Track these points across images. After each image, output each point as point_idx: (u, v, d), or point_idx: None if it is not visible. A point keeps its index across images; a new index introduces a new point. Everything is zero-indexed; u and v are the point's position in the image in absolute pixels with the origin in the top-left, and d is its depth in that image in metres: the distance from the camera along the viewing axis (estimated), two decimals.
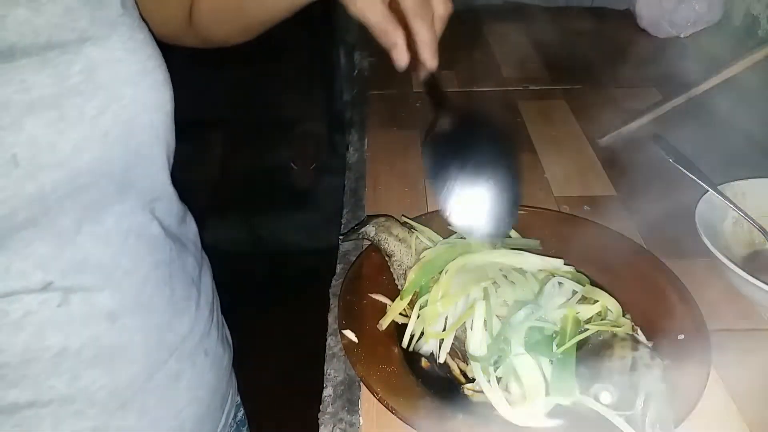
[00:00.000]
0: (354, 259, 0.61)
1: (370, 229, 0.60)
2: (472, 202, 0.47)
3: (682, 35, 1.15)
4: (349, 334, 0.50)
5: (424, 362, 0.51)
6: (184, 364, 0.53)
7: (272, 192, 2.30)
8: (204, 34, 0.62)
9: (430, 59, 0.52)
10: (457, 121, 0.51)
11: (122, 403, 0.48)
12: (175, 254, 0.52)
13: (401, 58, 0.53)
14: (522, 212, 0.62)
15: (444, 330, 0.50)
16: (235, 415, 0.66)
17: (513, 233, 0.61)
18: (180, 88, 0.48)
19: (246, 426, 0.70)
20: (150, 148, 0.47)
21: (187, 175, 0.54)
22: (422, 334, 0.51)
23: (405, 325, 0.52)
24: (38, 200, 0.40)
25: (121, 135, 0.43)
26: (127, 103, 0.43)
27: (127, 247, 0.46)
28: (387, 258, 0.58)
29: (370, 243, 0.60)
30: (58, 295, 0.43)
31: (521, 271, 0.53)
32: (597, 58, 1.09)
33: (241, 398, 0.68)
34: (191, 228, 0.58)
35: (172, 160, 0.51)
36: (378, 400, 0.45)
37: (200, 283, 0.57)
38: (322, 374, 0.52)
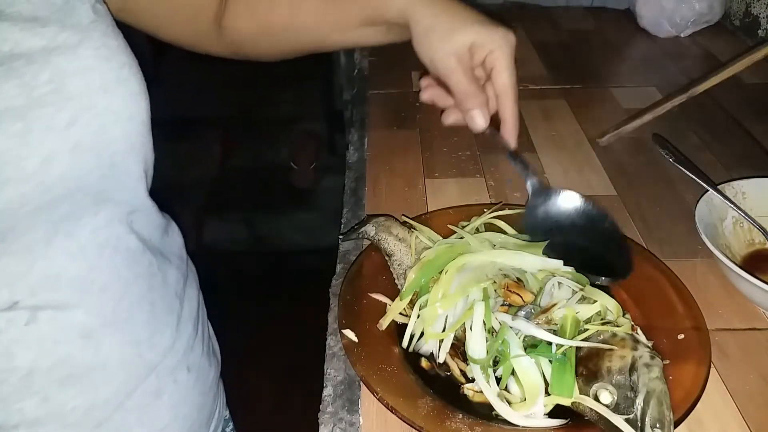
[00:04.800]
0: (354, 258, 0.61)
1: (370, 229, 0.60)
2: None
3: (682, 35, 1.15)
4: (349, 334, 0.50)
5: (424, 362, 0.51)
6: (165, 381, 0.51)
7: (272, 192, 2.30)
8: (238, 50, 0.61)
9: (513, 140, 0.57)
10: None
11: (98, 422, 0.46)
12: (155, 268, 0.50)
13: (480, 124, 0.55)
14: (522, 212, 0.62)
15: (444, 330, 0.50)
16: (223, 431, 0.64)
17: (513, 233, 0.61)
18: (181, 86, 0.47)
19: None
20: (125, 159, 0.45)
21: (187, 174, 0.54)
22: (422, 334, 0.51)
23: (405, 325, 0.52)
24: (5, 215, 0.38)
25: (93, 146, 0.41)
26: (100, 112, 0.41)
27: (102, 261, 0.44)
28: (387, 258, 0.58)
29: (370, 243, 0.60)
30: (25, 314, 0.41)
31: (521, 271, 0.53)
32: (597, 58, 1.09)
33: (240, 399, 0.68)
34: (175, 240, 0.56)
35: (151, 173, 0.49)
36: (378, 399, 0.45)
37: (184, 296, 0.54)
38: (322, 374, 0.52)
